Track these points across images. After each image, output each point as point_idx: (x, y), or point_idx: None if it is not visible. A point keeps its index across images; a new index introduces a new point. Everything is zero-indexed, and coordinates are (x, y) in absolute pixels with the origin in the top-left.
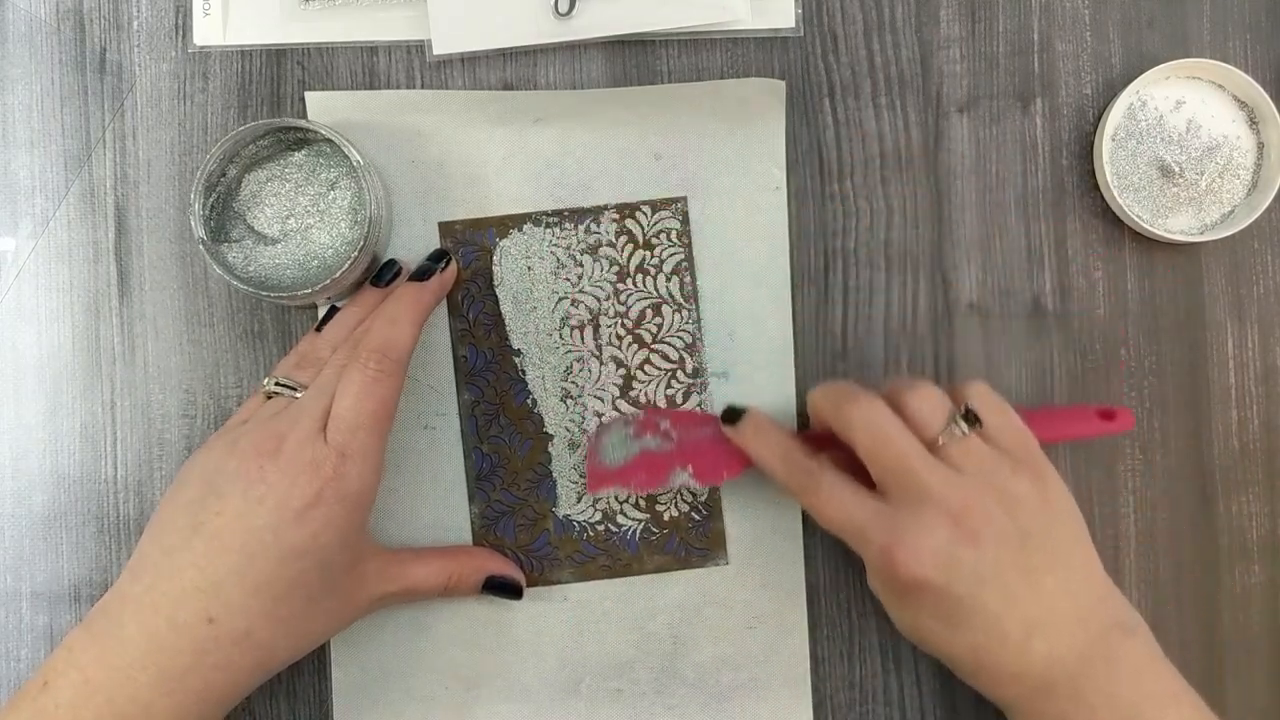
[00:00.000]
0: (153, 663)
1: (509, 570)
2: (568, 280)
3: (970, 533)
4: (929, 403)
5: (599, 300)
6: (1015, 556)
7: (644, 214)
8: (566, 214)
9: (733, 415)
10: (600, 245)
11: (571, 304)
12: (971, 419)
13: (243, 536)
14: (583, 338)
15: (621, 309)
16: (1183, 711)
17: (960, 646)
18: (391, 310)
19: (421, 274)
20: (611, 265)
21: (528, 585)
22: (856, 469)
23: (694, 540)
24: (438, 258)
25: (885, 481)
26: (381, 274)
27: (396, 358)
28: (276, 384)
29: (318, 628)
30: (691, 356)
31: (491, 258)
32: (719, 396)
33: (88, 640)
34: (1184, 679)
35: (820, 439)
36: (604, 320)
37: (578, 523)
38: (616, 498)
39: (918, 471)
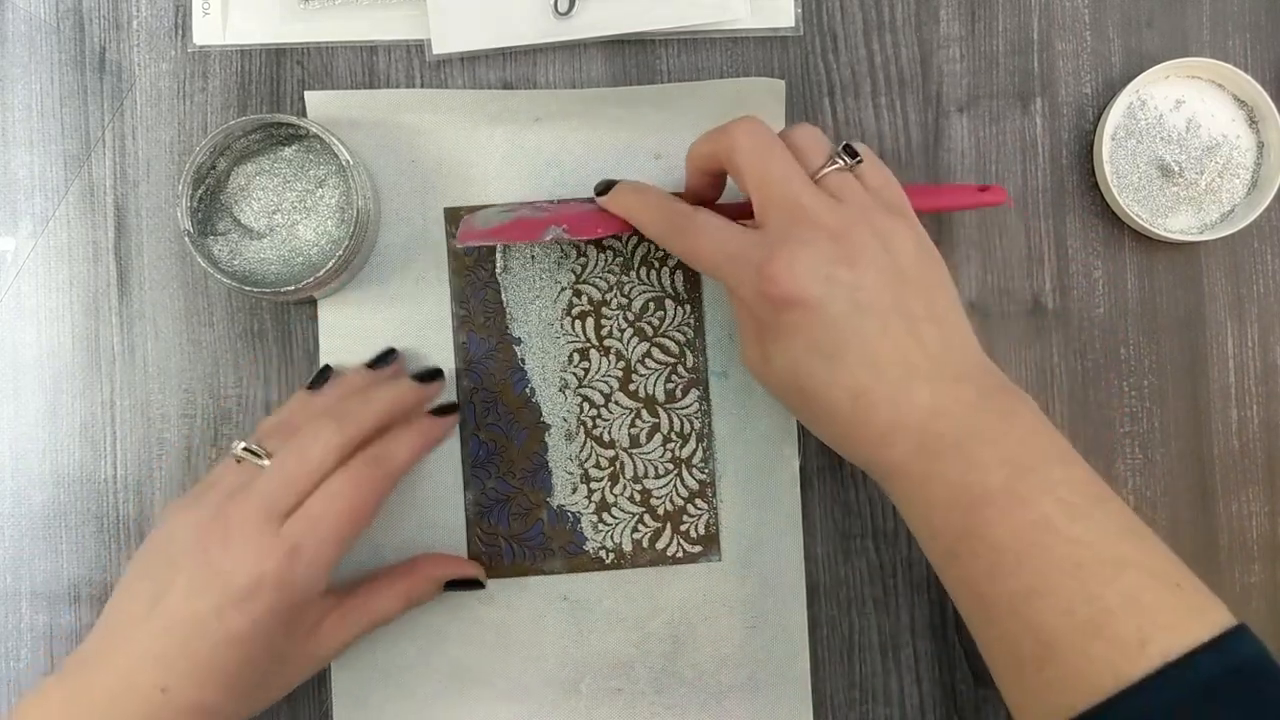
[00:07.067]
0: None
1: (464, 570)
2: (572, 270)
3: (848, 253)
4: (811, 137)
5: (602, 291)
6: (894, 292)
7: None
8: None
9: (606, 186)
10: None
11: (574, 294)
12: (852, 154)
13: (189, 619)
14: (584, 328)
15: (624, 301)
16: (1072, 471)
17: (837, 387)
18: (403, 431)
19: (421, 377)
20: (616, 257)
21: (520, 575)
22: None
23: (688, 535)
24: (430, 375)
25: (764, 202)
26: (379, 360)
27: (387, 471)
28: (244, 449)
29: (276, 691)
30: (691, 352)
31: (495, 246)
32: (719, 395)
33: (60, 691)
34: (1071, 445)
35: (697, 202)
36: (606, 311)
37: (571, 513)
38: (611, 490)
39: (797, 190)
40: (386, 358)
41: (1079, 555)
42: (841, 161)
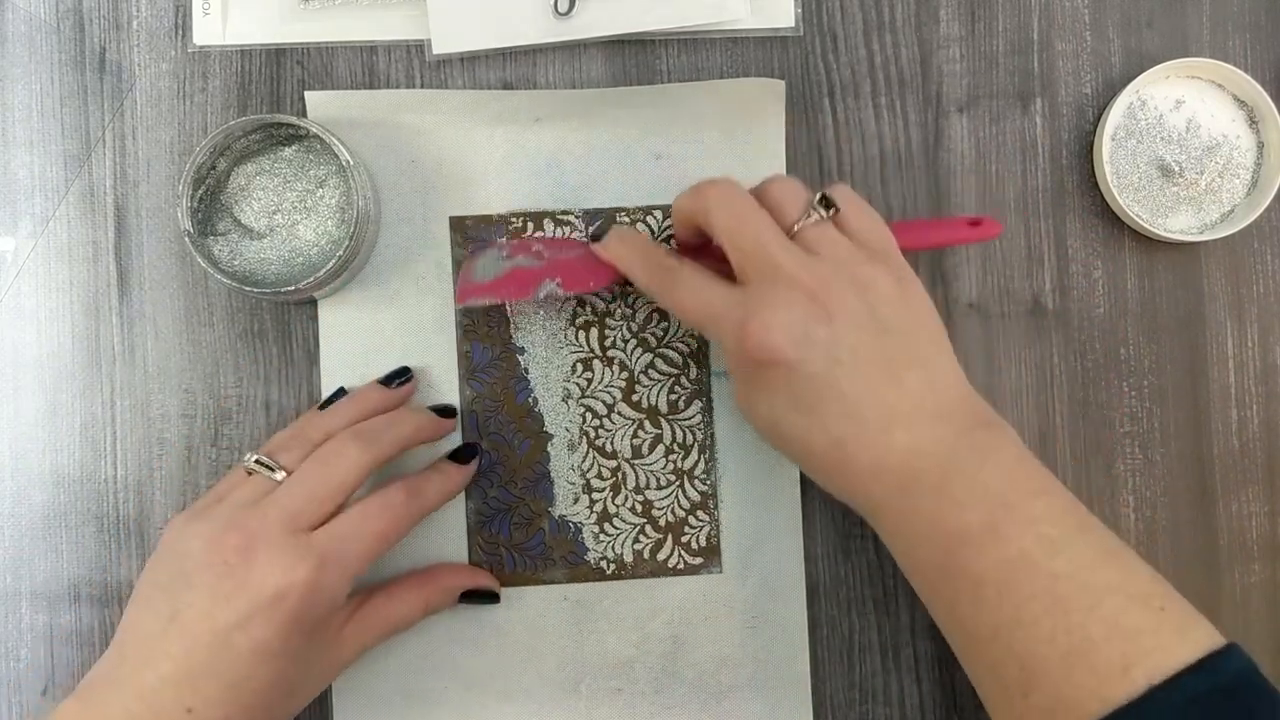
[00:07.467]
0: None
1: (481, 582)
2: None
3: (824, 310)
4: (787, 190)
5: (606, 302)
6: (872, 343)
7: (655, 218)
8: (578, 214)
9: (601, 232)
10: None
11: (578, 304)
12: (828, 205)
13: (211, 635)
14: (588, 338)
15: (628, 311)
16: (1053, 502)
17: (818, 436)
18: (434, 474)
19: (437, 411)
20: None
21: (520, 585)
22: (723, 276)
23: (689, 547)
24: (447, 412)
25: (742, 264)
26: (391, 378)
27: (421, 505)
28: (256, 461)
29: (300, 700)
30: (694, 363)
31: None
32: (720, 395)
33: (77, 714)
34: (1053, 475)
35: (689, 251)
36: (610, 322)
37: (573, 524)
38: (613, 500)
39: (772, 251)
40: (401, 375)
41: (1059, 588)
42: (818, 214)
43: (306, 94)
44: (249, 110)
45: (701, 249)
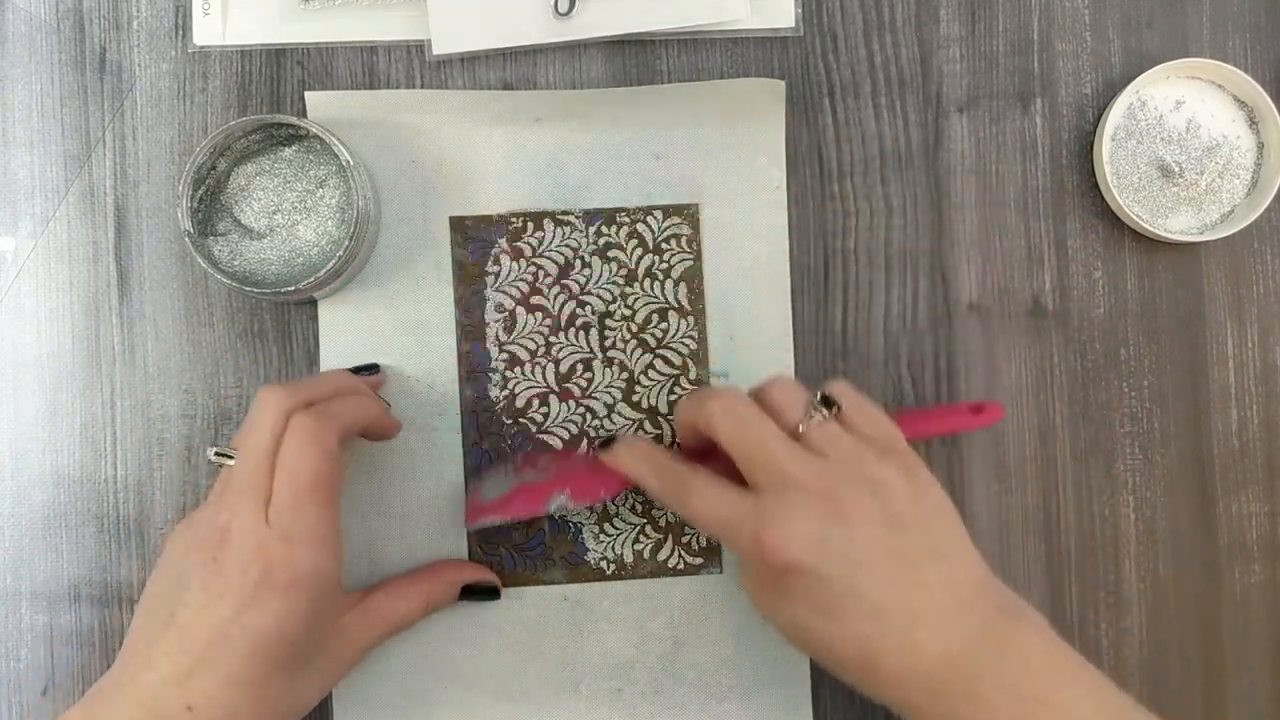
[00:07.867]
0: None
1: (481, 575)
2: (576, 280)
3: (838, 513)
4: (787, 393)
5: (605, 303)
6: (888, 541)
7: (655, 219)
8: (578, 214)
9: (608, 442)
10: (610, 247)
11: (578, 304)
12: (830, 403)
13: (208, 632)
14: (588, 339)
15: (628, 312)
16: (1080, 691)
17: (843, 641)
18: (348, 395)
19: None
20: (620, 268)
21: (521, 585)
22: (732, 477)
23: (690, 547)
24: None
25: (752, 472)
26: (363, 369)
27: (330, 418)
28: (216, 453)
29: (309, 696)
30: (695, 364)
31: (500, 254)
32: None
33: None
34: (1080, 656)
35: (696, 454)
36: (610, 323)
37: (573, 524)
38: (614, 501)
39: (780, 457)
40: (370, 369)
41: None
42: (820, 414)
43: (306, 94)
44: (249, 110)
45: (707, 452)
